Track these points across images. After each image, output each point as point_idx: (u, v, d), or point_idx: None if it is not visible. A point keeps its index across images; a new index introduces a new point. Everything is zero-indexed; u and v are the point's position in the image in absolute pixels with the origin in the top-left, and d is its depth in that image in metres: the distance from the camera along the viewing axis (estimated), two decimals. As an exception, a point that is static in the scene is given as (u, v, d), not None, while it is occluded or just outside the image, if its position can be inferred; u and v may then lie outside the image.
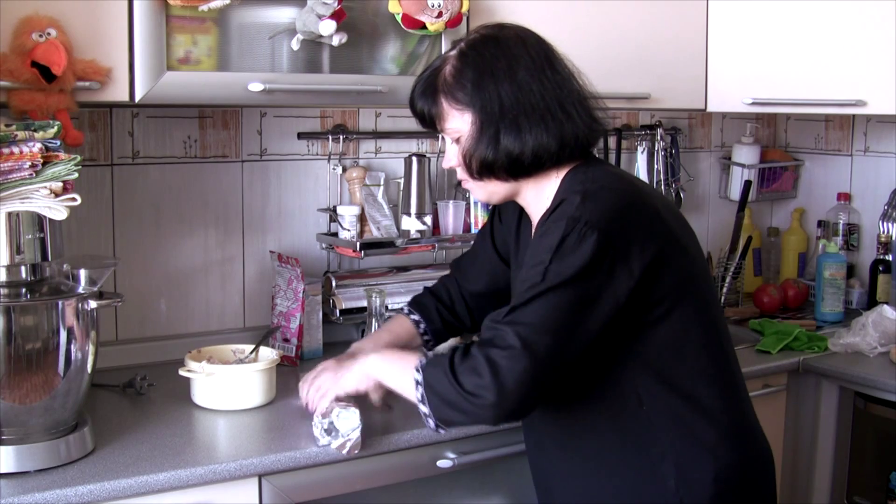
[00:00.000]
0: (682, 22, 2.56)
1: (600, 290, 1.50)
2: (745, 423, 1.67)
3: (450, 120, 1.65)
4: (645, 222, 1.56)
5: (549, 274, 1.50)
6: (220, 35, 1.91)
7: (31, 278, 1.65)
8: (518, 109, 1.59)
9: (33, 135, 1.61)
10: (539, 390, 1.51)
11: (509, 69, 1.60)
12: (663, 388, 1.58)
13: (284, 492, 1.76)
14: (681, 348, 1.59)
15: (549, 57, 1.64)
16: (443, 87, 1.64)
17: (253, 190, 2.40)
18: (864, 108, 2.54)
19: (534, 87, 1.60)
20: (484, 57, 1.62)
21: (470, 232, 2.51)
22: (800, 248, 3.22)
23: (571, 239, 1.49)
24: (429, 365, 1.58)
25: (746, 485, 1.64)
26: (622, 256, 1.51)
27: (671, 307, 1.57)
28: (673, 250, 1.58)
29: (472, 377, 1.50)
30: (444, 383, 1.53)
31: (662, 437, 1.58)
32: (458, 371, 1.52)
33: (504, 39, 1.63)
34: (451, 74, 1.63)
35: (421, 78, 1.69)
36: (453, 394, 1.52)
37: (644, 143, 2.91)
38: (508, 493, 2.05)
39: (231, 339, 2.25)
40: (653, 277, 1.53)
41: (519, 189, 1.68)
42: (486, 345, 1.51)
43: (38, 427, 1.65)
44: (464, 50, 1.64)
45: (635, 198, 1.59)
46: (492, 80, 1.60)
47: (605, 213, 1.52)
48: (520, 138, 1.59)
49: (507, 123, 1.59)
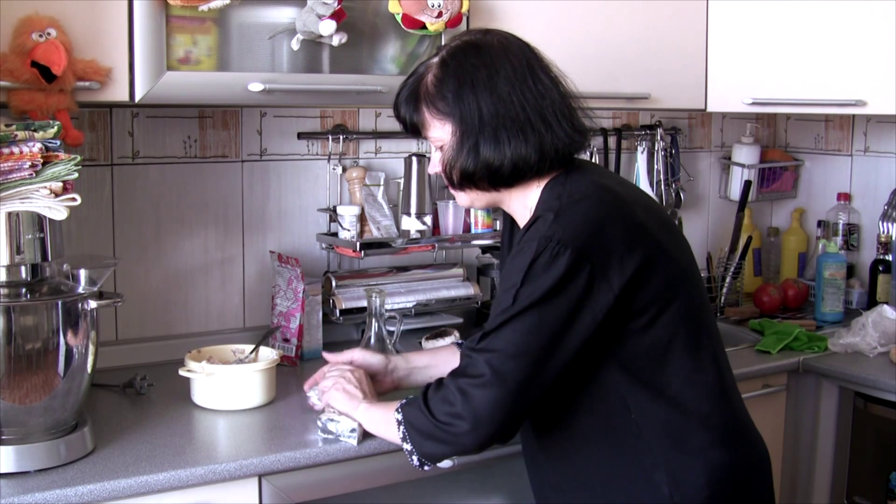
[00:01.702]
0: (682, 22, 2.56)
1: (576, 308, 1.50)
2: (737, 425, 1.66)
3: (432, 129, 1.65)
4: (624, 234, 1.54)
5: (520, 297, 1.50)
6: (220, 35, 1.91)
7: (31, 278, 1.65)
8: (497, 121, 1.58)
9: (33, 135, 1.61)
10: (515, 414, 1.53)
11: (489, 79, 1.59)
12: (651, 395, 1.57)
13: (284, 492, 1.76)
14: (667, 354, 1.58)
15: (531, 64, 1.62)
16: (425, 96, 1.63)
17: (253, 190, 2.40)
18: (864, 108, 2.54)
19: (514, 97, 1.59)
20: (464, 67, 1.60)
21: (469, 232, 2.51)
22: (800, 248, 3.22)
23: (543, 259, 1.49)
24: (407, 404, 1.62)
25: (741, 486, 1.63)
26: (600, 271, 1.50)
27: (657, 314, 1.56)
28: (657, 258, 1.56)
29: (444, 406, 1.53)
30: (420, 417, 1.57)
31: (653, 444, 1.58)
32: (431, 402, 1.56)
33: (486, 47, 1.62)
34: (433, 84, 1.62)
35: (405, 84, 1.68)
36: (429, 425, 1.55)
37: (644, 143, 2.91)
38: (508, 493, 2.05)
39: (231, 339, 2.25)
40: (635, 287, 1.52)
41: (501, 198, 1.68)
42: (458, 374, 1.55)
43: (38, 427, 1.65)
44: (445, 58, 1.63)
45: (613, 209, 1.57)
46: (472, 91, 1.59)
47: (580, 230, 1.52)
48: (499, 149, 1.59)
49: (487, 135, 1.59)
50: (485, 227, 2.50)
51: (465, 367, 1.54)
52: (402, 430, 1.60)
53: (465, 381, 1.52)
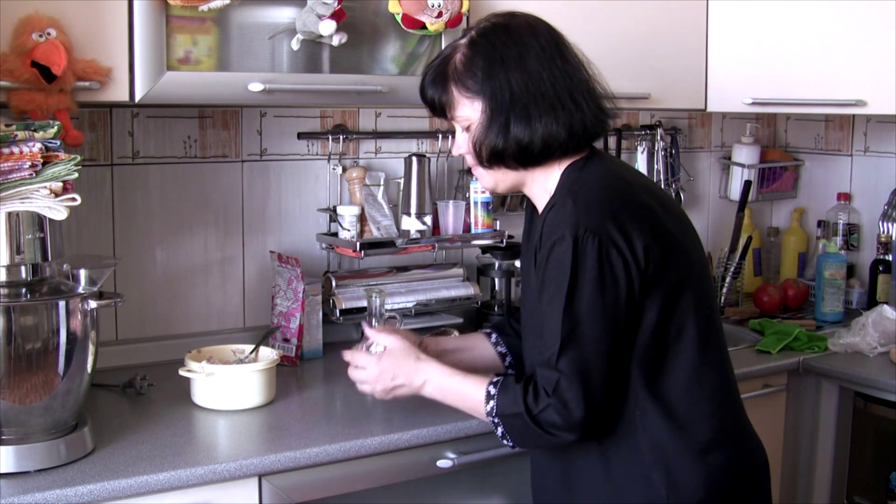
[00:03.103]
0: (682, 22, 2.56)
1: (618, 289, 1.52)
2: (737, 425, 1.67)
3: (460, 108, 1.65)
4: (639, 221, 1.56)
5: (575, 296, 1.52)
6: (220, 35, 1.91)
7: (31, 278, 1.65)
8: (528, 98, 1.60)
9: (33, 135, 1.61)
10: (603, 404, 1.56)
11: (519, 57, 1.60)
12: (655, 391, 1.58)
13: (284, 492, 1.76)
14: (675, 351, 1.58)
15: (559, 45, 1.64)
16: (453, 74, 1.65)
17: (253, 190, 2.40)
18: (864, 108, 2.55)
19: (544, 75, 1.60)
20: (494, 45, 1.62)
21: (469, 232, 2.51)
22: (800, 248, 3.22)
23: (578, 257, 1.51)
24: (504, 414, 1.61)
25: (738, 489, 1.63)
26: (629, 254, 1.52)
27: (667, 309, 1.56)
28: (669, 248, 1.57)
29: (548, 417, 1.55)
30: (523, 427, 1.59)
31: (653, 442, 1.58)
32: (536, 415, 1.56)
33: (514, 28, 1.64)
34: (462, 62, 1.64)
35: (431, 66, 1.69)
36: (535, 436, 1.58)
37: (644, 143, 2.91)
38: (508, 493, 2.05)
39: (231, 339, 2.25)
40: (650, 277, 1.54)
41: (525, 179, 1.69)
42: (553, 393, 1.55)
43: (38, 427, 1.65)
44: (474, 38, 1.65)
45: (627, 195, 1.60)
46: (502, 69, 1.60)
47: (599, 215, 1.53)
48: (529, 126, 1.60)
49: (518, 112, 1.60)
50: (485, 227, 2.50)
51: (557, 387, 1.54)
52: (500, 430, 1.63)
53: (559, 401, 1.54)
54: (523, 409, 1.56)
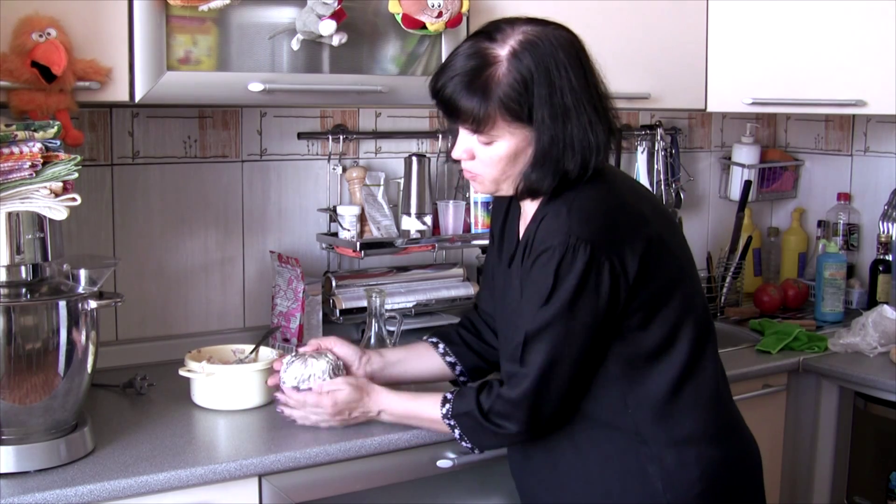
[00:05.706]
0: (682, 22, 2.56)
1: (600, 299, 1.53)
2: (730, 420, 1.68)
3: (496, 128, 1.55)
4: (630, 226, 1.57)
5: (553, 301, 1.53)
6: (220, 35, 1.91)
7: (31, 278, 1.65)
8: (580, 133, 1.55)
9: (33, 135, 1.61)
10: (555, 410, 1.61)
11: (571, 90, 1.54)
12: (648, 389, 1.59)
13: (284, 492, 1.76)
14: (665, 350, 1.59)
15: (592, 69, 1.60)
16: (497, 92, 1.52)
17: (253, 190, 2.40)
18: (864, 108, 2.55)
19: (587, 107, 1.55)
20: (548, 71, 1.52)
21: (470, 232, 2.51)
22: (800, 248, 3.22)
23: (566, 260, 1.51)
24: (459, 414, 1.68)
25: (733, 482, 1.65)
26: (619, 262, 1.53)
27: (656, 309, 1.58)
28: (660, 252, 1.58)
29: (499, 419, 1.63)
30: (477, 428, 1.66)
31: (648, 438, 1.59)
32: (490, 416, 1.63)
33: (558, 47, 1.55)
34: (510, 85, 1.52)
35: (463, 71, 1.54)
36: (489, 437, 1.67)
37: (644, 143, 2.91)
38: (508, 493, 2.05)
39: (231, 339, 2.25)
40: (642, 279, 1.55)
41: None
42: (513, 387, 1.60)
43: (38, 427, 1.65)
44: (517, 51, 1.53)
45: (619, 201, 1.60)
46: (557, 97, 1.53)
47: (591, 223, 1.54)
48: (573, 160, 1.56)
49: (570, 152, 1.55)
50: (485, 227, 2.49)
51: (512, 377, 1.60)
52: (458, 432, 1.69)
53: (511, 395, 1.59)
54: (475, 406, 1.62)
